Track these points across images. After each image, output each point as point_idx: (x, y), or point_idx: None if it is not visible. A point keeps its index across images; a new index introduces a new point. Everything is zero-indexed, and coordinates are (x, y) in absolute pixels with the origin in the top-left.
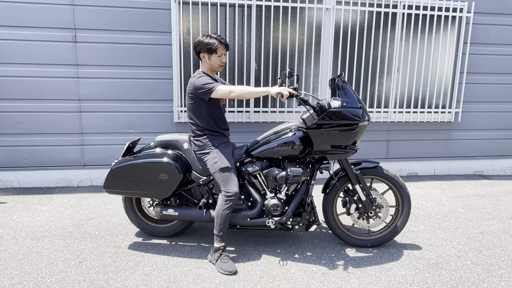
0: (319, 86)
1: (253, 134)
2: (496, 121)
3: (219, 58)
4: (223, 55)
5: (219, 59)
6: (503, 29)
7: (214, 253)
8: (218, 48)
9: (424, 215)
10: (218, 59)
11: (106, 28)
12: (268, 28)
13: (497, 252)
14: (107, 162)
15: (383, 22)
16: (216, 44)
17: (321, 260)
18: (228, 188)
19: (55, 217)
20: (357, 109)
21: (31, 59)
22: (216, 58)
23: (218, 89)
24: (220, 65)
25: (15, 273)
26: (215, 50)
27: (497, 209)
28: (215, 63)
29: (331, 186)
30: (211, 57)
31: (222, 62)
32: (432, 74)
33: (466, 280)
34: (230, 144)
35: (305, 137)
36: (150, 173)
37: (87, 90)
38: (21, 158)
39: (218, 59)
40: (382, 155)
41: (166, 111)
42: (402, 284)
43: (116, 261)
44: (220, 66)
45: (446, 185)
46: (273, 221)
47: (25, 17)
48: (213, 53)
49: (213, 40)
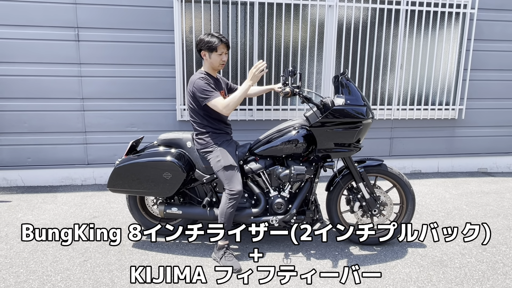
0: (322, 84)
1: (256, 132)
2: (500, 118)
3: (219, 56)
4: (223, 53)
5: (220, 58)
6: (508, 25)
7: (218, 251)
8: (219, 47)
9: (428, 212)
10: (218, 58)
11: (109, 26)
12: (271, 25)
13: (502, 249)
14: (111, 161)
15: (386, 19)
16: (216, 42)
17: (324, 258)
18: (231, 186)
19: (59, 215)
20: (361, 107)
21: (34, 58)
22: (216, 57)
23: (213, 102)
24: (220, 64)
25: (21, 271)
26: (215, 48)
27: (501, 206)
28: (216, 62)
29: (334, 184)
30: (211, 55)
31: (222, 60)
32: (436, 71)
33: (471, 277)
34: (233, 142)
35: (308, 135)
36: (154, 172)
37: (90, 88)
38: (25, 157)
39: (218, 57)
40: (385, 152)
41: (169, 110)
42: (407, 281)
43: (120, 259)
44: (221, 65)
45: (450, 183)
46: (277, 219)
47: (28, 16)
48: (213, 51)
49: (213, 39)
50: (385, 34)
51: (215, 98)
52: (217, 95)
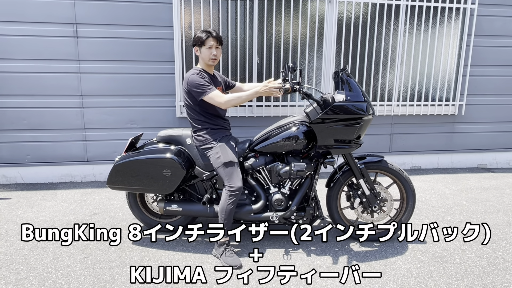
0: (322, 80)
1: (256, 129)
2: (500, 113)
3: (208, 50)
4: (213, 47)
5: (209, 52)
6: (508, 21)
7: (218, 248)
8: (206, 40)
9: (428, 208)
10: (208, 51)
11: (108, 22)
12: (270, 21)
13: (502, 245)
14: (110, 158)
15: (386, 14)
16: (204, 36)
17: (325, 255)
18: (231, 183)
19: (59, 212)
20: (361, 103)
21: (32, 54)
22: (206, 50)
23: (211, 95)
24: (211, 58)
25: (21, 268)
26: (203, 42)
27: (501, 202)
28: (206, 56)
29: (335, 181)
30: (201, 50)
31: (212, 55)
32: (436, 67)
33: (471, 273)
34: (233, 138)
35: (308, 131)
36: (153, 169)
37: (89, 85)
38: (25, 154)
39: (208, 51)
40: (385, 148)
41: (169, 106)
42: (407, 277)
43: (121, 256)
44: (211, 59)
45: (450, 178)
46: (277, 215)
47: (26, 13)
48: (202, 46)
49: (202, 34)
50: (385, 29)
51: (211, 92)
52: (213, 89)
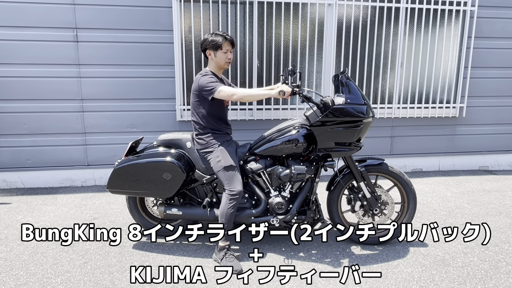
0: (322, 83)
1: (256, 132)
2: (501, 115)
3: (224, 54)
4: (228, 51)
5: (225, 56)
6: (508, 23)
7: (219, 252)
8: (223, 44)
9: (430, 211)
10: (224, 56)
11: (108, 27)
12: (270, 25)
13: (504, 248)
14: (111, 162)
15: (386, 17)
16: (221, 40)
17: (326, 258)
18: (232, 186)
19: (59, 217)
20: (361, 106)
21: (33, 59)
22: (222, 55)
23: (221, 90)
24: (226, 62)
25: (21, 274)
26: (220, 46)
27: (504, 204)
28: (221, 60)
29: (335, 184)
30: (216, 54)
31: (228, 58)
32: (436, 69)
33: (474, 276)
34: (233, 143)
35: (309, 134)
36: (154, 173)
37: (89, 89)
38: (25, 159)
39: (224, 55)
40: (386, 151)
41: (169, 110)
42: (409, 281)
43: (121, 261)
44: (227, 63)
45: (451, 181)
46: (278, 219)
47: (26, 17)
48: (218, 50)
49: (218, 37)
50: (385, 32)
51: (220, 87)
52: (223, 85)
